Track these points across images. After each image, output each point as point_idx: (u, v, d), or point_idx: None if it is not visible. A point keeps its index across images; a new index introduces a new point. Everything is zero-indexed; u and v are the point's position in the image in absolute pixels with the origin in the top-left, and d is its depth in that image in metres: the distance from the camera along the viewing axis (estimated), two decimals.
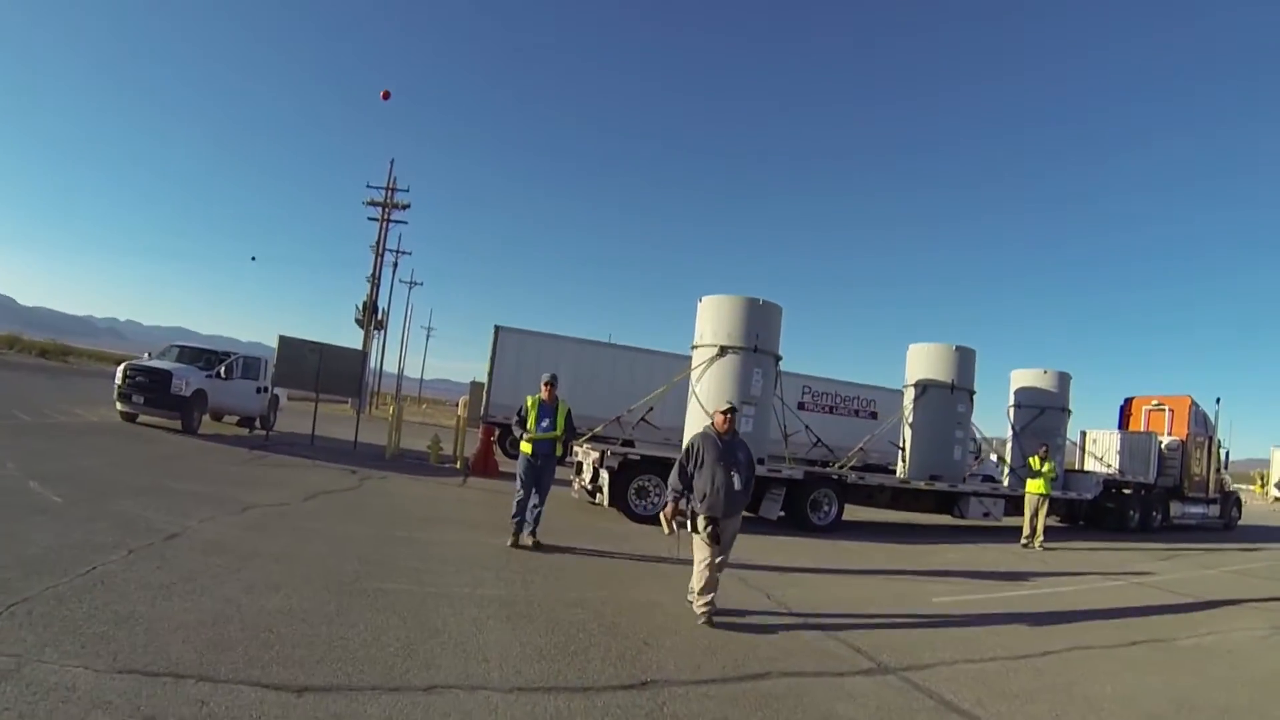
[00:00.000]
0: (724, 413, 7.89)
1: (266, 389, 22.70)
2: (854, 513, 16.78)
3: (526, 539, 10.28)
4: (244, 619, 5.90)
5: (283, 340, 21.03)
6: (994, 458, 26.00)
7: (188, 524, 9.10)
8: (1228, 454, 28.98)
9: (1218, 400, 27.35)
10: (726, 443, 7.79)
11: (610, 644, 6.43)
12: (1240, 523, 28.92)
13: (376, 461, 19.11)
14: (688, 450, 7.83)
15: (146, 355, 22.08)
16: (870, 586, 10.58)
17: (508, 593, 7.81)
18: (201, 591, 6.48)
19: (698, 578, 7.62)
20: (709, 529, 7.50)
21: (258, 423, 23.51)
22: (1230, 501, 28.19)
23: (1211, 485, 26.44)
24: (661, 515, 7.94)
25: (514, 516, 10.41)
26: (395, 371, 72.17)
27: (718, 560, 7.65)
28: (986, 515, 18.66)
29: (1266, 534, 28.61)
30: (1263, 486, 61.86)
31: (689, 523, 7.73)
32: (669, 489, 7.82)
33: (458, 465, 20.18)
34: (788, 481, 15.33)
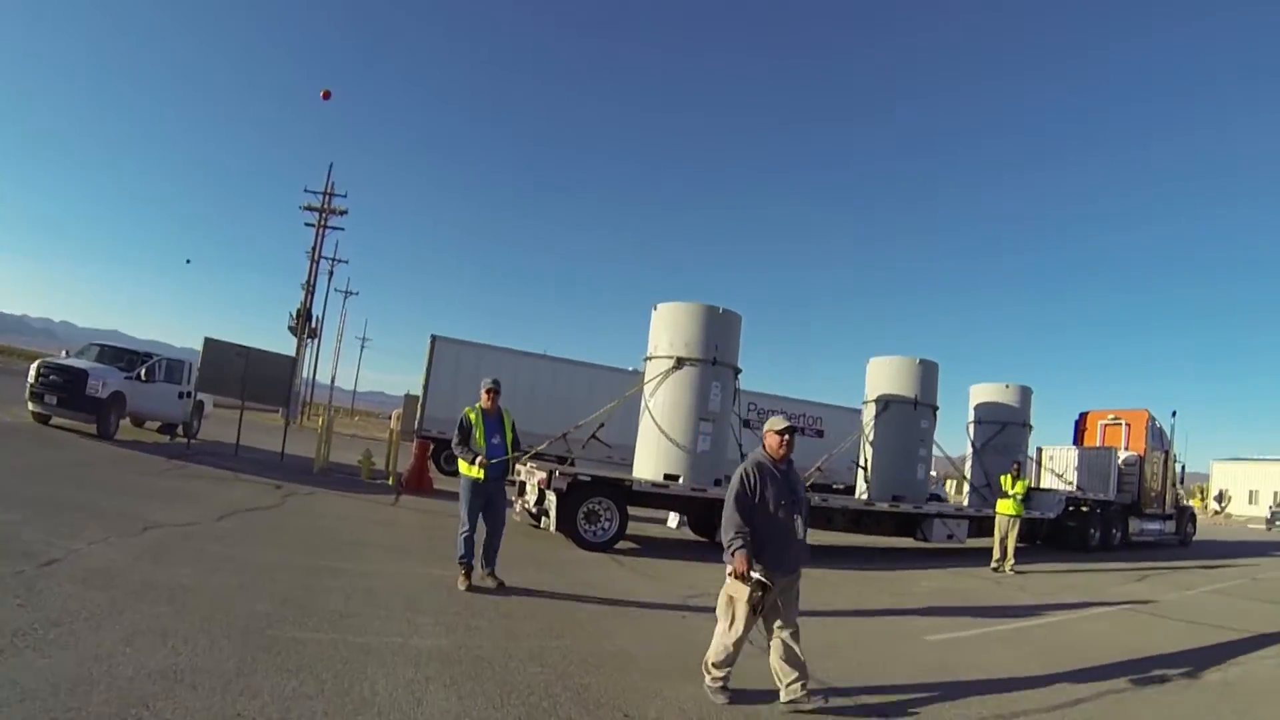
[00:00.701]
0: (780, 433, 6.00)
1: (190, 394, 21.27)
2: (809, 536, 15.69)
3: (484, 578, 8.88)
4: (114, 684, 4.61)
5: (208, 343, 19.80)
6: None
7: (73, 547, 7.81)
8: (1183, 469, 28.91)
9: (1173, 414, 27.30)
10: (784, 473, 6.01)
11: (582, 717, 5.24)
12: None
13: (304, 476, 17.82)
14: (743, 481, 5.84)
15: (64, 353, 20.74)
16: (854, 625, 9.60)
17: (450, 644, 6.48)
18: (66, 642, 5.19)
19: (717, 650, 5.87)
20: (757, 592, 5.65)
21: (179, 430, 22.06)
22: (1185, 517, 28.13)
23: (1168, 501, 26.27)
24: (735, 572, 5.66)
25: (462, 557, 8.78)
26: (328, 381, 70.44)
27: (745, 631, 5.81)
28: (950, 537, 18.00)
29: (1219, 549, 28.66)
30: (1203, 500, 63.18)
31: (762, 574, 5.68)
32: (732, 531, 5.71)
33: (390, 482, 18.99)
34: None
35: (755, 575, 5.60)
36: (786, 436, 6.00)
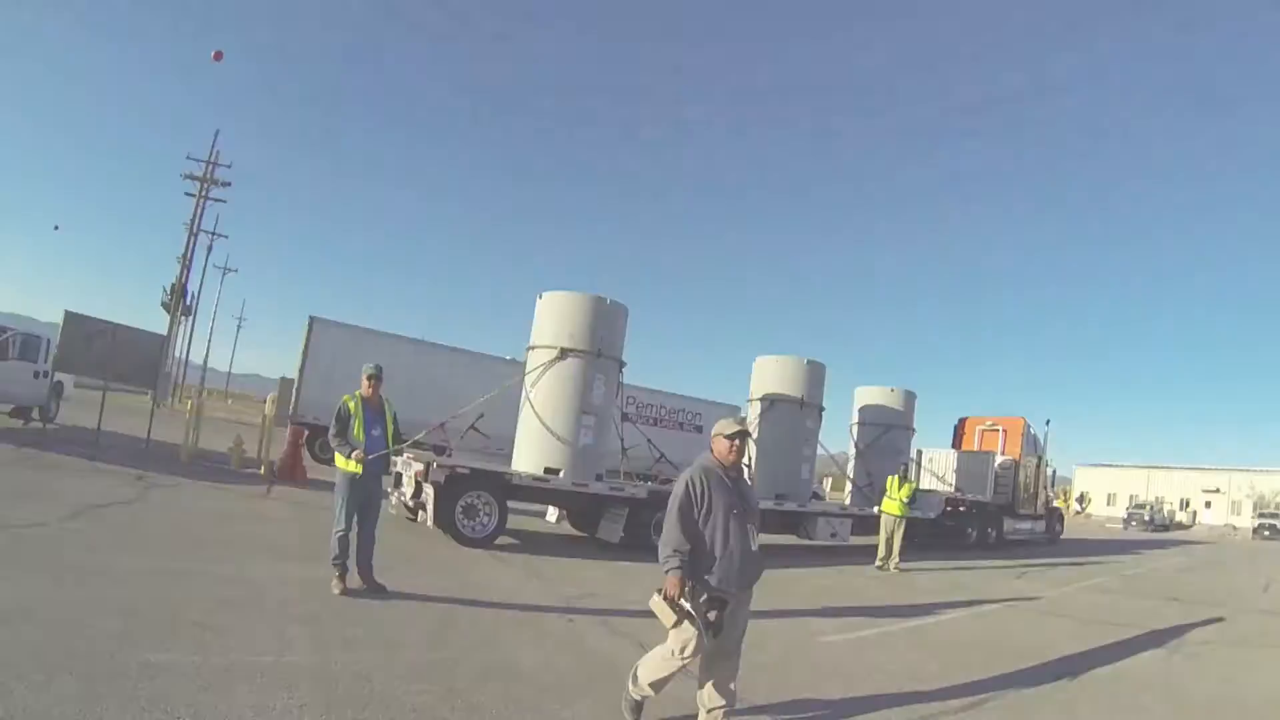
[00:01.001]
0: (730, 437, 5.29)
1: (47, 373, 19.91)
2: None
3: (356, 581, 8.23)
4: None
5: (69, 317, 18.33)
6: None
7: None
8: (1054, 473, 30.32)
9: (1047, 422, 28.81)
10: (735, 480, 5.34)
11: None
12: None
13: (169, 464, 16.86)
14: (688, 490, 5.13)
15: None
16: (749, 627, 9.33)
17: (325, 661, 5.81)
18: None
19: (657, 666, 5.21)
20: (712, 614, 5.01)
21: (35, 413, 20.67)
22: (1054, 517, 29.79)
23: (1039, 502, 27.53)
24: (660, 596, 4.98)
25: (335, 558, 8.13)
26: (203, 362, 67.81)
27: (697, 653, 5.07)
28: (834, 536, 18.22)
29: (1084, 547, 30.43)
30: (1066, 502, 67.02)
31: (690, 606, 4.99)
32: (669, 548, 5.02)
33: (261, 471, 18.14)
34: (630, 501, 14.14)
35: (684, 605, 4.96)
36: (737, 441, 5.32)
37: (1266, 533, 61.16)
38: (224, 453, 19.67)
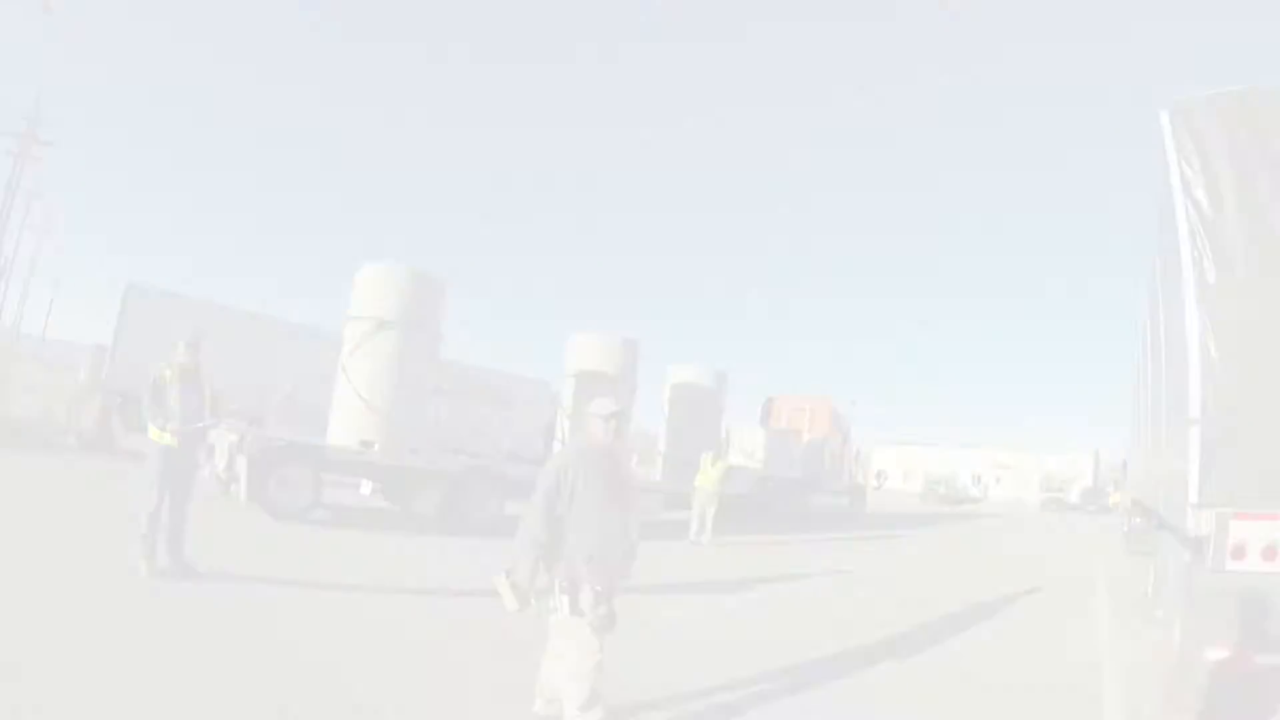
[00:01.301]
0: (606, 418, 4.98)
1: None
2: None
3: (165, 561, 7.70)
4: None
5: None
6: None
7: None
8: (859, 450, 31.71)
9: (853, 402, 30.18)
10: (610, 464, 5.00)
11: None
12: None
13: None
14: (557, 476, 4.74)
15: None
16: None
17: (126, 652, 5.27)
18: None
19: (578, 683, 4.58)
20: (602, 608, 4.61)
21: None
22: (858, 493, 31.81)
23: (844, 479, 29.43)
24: (502, 583, 4.64)
25: (144, 534, 7.60)
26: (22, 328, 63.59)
27: (600, 646, 4.64)
28: (646, 511, 18.52)
29: (886, 520, 31.84)
30: (865, 478, 71.35)
31: (567, 601, 4.63)
32: (526, 540, 4.70)
33: (70, 441, 17.42)
34: (446, 475, 14.36)
35: (529, 596, 4.68)
36: (613, 422, 5.01)
37: (1053, 505, 68.78)
38: (31, 421, 18.76)
